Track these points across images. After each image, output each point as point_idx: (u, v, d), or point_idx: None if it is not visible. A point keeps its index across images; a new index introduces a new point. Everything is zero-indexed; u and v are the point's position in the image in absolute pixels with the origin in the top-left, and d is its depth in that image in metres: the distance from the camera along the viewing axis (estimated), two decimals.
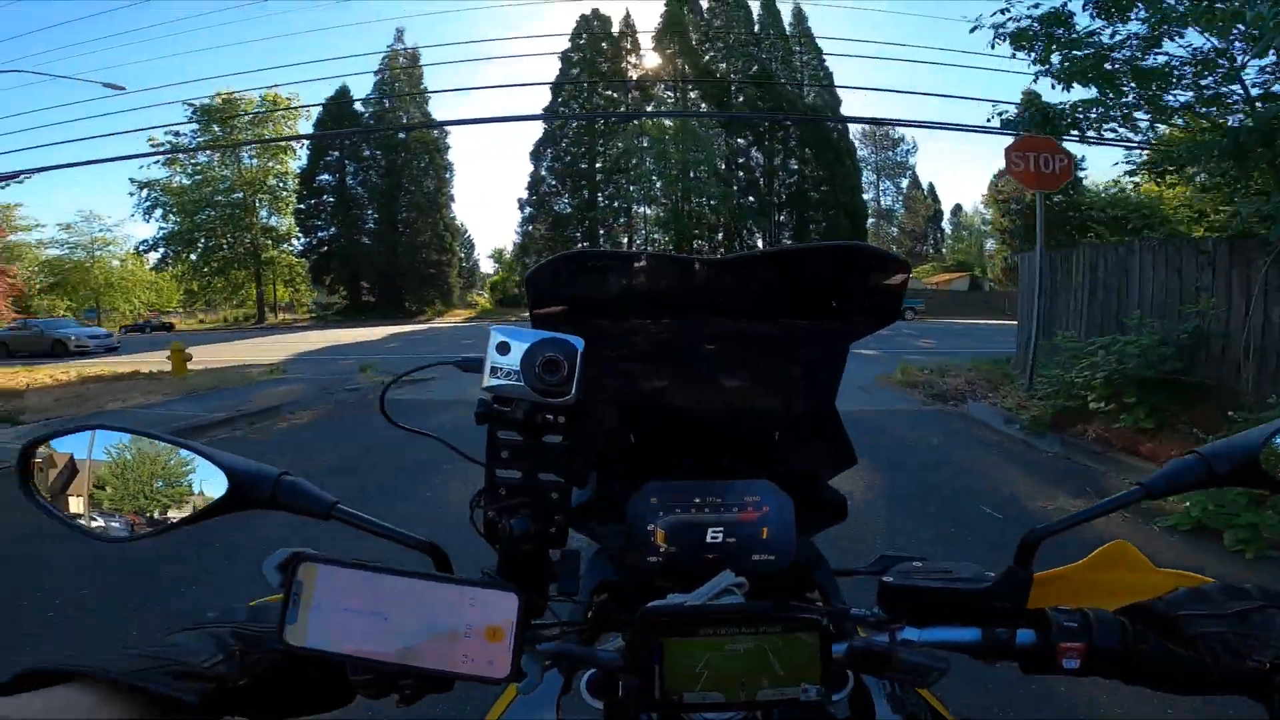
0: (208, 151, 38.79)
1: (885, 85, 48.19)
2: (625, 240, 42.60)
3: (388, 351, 17.22)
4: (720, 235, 41.64)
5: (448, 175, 44.38)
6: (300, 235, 42.44)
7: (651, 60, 41.52)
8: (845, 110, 43.89)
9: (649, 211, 40.97)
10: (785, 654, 0.51)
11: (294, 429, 7.16)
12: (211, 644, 0.48)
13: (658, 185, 38.82)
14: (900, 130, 58.81)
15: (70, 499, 0.58)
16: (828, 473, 0.85)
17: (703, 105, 39.51)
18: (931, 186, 64.95)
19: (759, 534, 0.70)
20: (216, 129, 37.96)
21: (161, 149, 36.16)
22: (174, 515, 0.57)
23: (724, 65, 41.29)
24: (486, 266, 62.08)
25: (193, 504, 0.57)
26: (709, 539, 0.69)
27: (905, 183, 64.01)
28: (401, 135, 41.74)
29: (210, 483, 0.57)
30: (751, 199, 40.46)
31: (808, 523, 0.75)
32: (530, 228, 42.70)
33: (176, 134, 38.38)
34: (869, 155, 57.01)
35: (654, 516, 0.69)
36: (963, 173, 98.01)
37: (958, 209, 66.81)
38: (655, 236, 41.09)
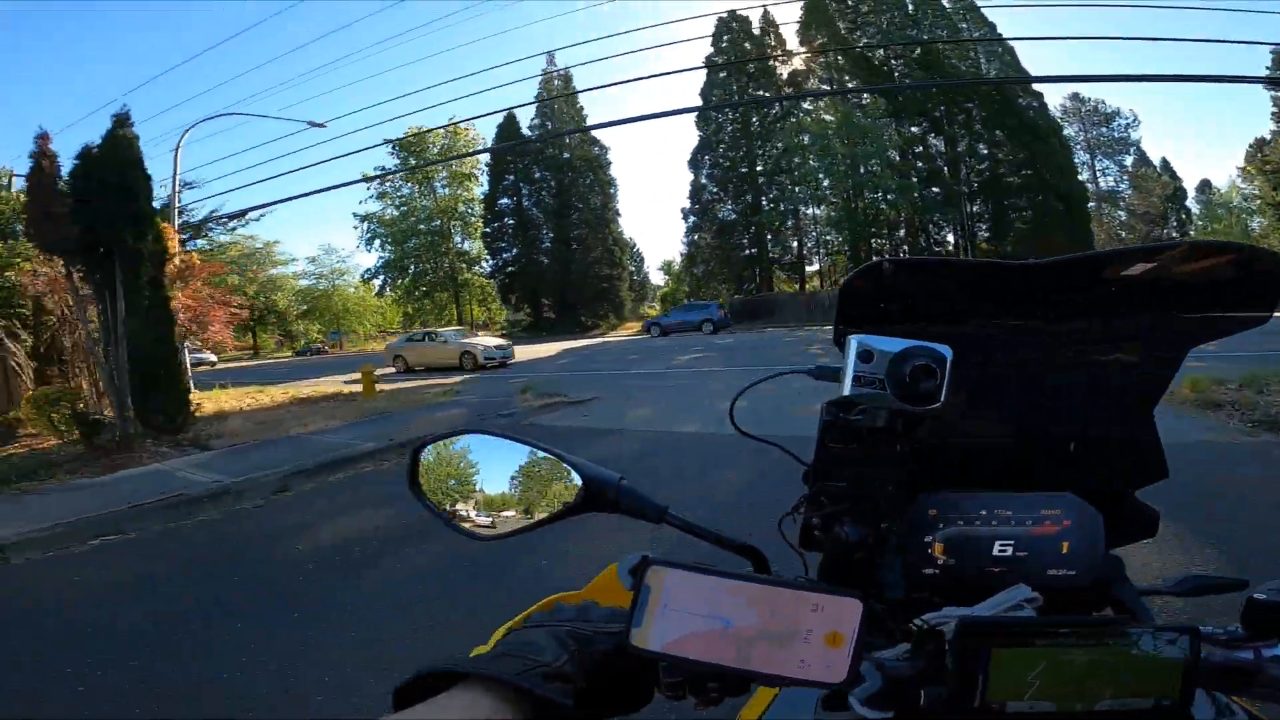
0: (409, 183, 43.46)
1: (1089, 35, 40.22)
2: (795, 244, 40.56)
3: (558, 369, 17.42)
4: (902, 232, 38.03)
5: (612, 191, 45.56)
6: (488, 257, 45.86)
7: (800, 53, 39.12)
8: (1043, 86, 38.13)
9: (818, 212, 38.52)
10: (1137, 665, 0.49)
11: None
12: (555, 644, 0.50)
13: (825, 183, 36.33)
14: (1114, 104, 50.02)
15: (447, 499, 0.65)
16: (1136, 484, 0.81)
17: (864, 96, 36.32)
18: (1166, 162, 54.66)
19: (1057, 548, 0.68)
20: (411, 160, 42.42)
21: (371, 180, 41.56)
22: (536, 515, 0.63)
23: (881, 52, 37.78)
24: (657, 279, 63.24)
25: (551, 505, 0.62)
26: (995, 552, 0.67)
27: (1130, 160, 54.36)
28: (566, 155, 43.46)
29: (566, 485, 0.62)
30: (936, 190, 36.33)
31: (1112, 538, 0.72)
32: (695, 237, 42.26)
33: (383, 169, 43.58)
34: (1076, 134, 49.23)
35: (932, 529, 0.67)
36: (1206, 143, 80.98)
37: (1205, 185, 55.53)
38: (828, 238, 38.58)
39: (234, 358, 46.00)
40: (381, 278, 46.47)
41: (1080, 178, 39.59)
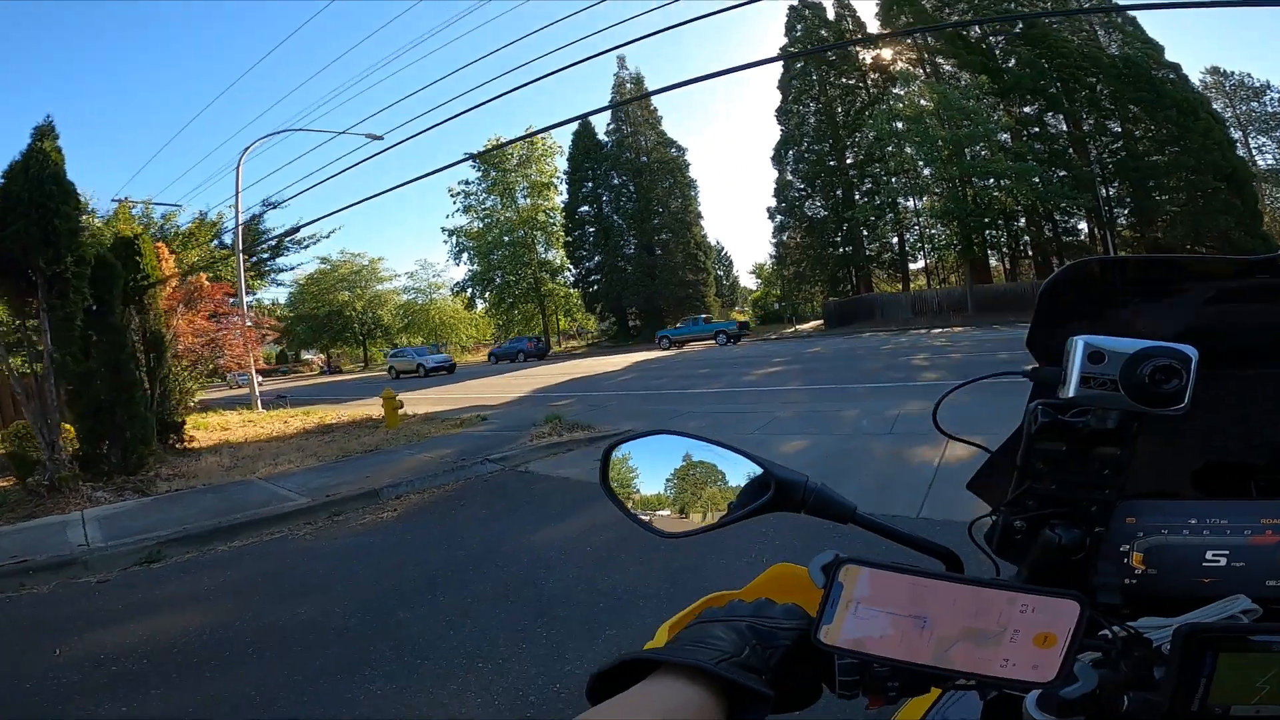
0: (492, 195, 43.36)
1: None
2: (896, 239, 36.57)
3: (616, 386, 15.58)
4: (1023, 221, 33.30)
5: (693, 193, 43.31)
6: (571, 266, 44.93)
7: (884, 35, 35.11)
8: (1176, 58, 32.16)
9: (919, 204, 34.42)
10: None
11: (364, 531, 5.18)
12: (736, 638, 0.52)
13: (925, 172, 32.30)
14: (1261, 76, 42.10)
15: (637, 497, 0.66)
16: None
17: (964, 77, 31.90)
18: None
19: (1278, 558, 0.63)
20: (492, 174, 42.26)
21: (457, 197, 41.78)
22: (725, 514, 0.63)
23: (977, 30, 33.14)
24: (749, 282, 60.49)
25: (741, 503, 0.62)
26: (1206, 562, 0.63)
27: None
28: (643, 159, 41.77)
29: (755, 485, 0.62)
30: (1062, 173, 31.31)
31: None
32: (784, 237, 39.23)
33: (467, 182, 43.77)
34: (1222, 110, 41.82)
35: (1130, 537, 0.65)
36: None
37: None
38: (933, 232, 34.42)
39: (350, 371, 48.10)
40: (470, 290, 46.61)
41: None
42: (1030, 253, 34.64)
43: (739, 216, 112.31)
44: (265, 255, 22.04)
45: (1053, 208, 31.78)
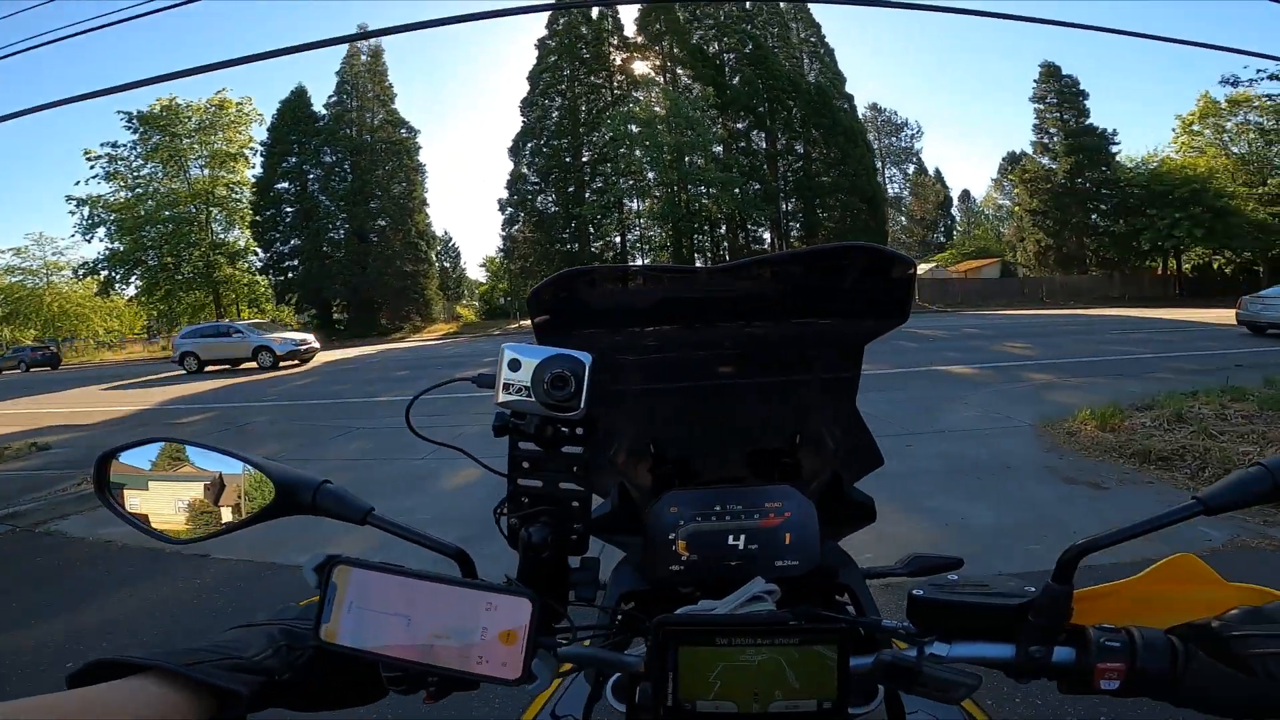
0: (152, 162, 34.39)
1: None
2: (619, 238, 37.74)
3: (285, 394, 12.54)
4: (724, 228, 36.71)
5: (420, 178, 39.60)
6: (259, 250, 37.74)
7: (636, 41, 36.73)
8: (851, 90, 39.11)
9: (642, 206, 36.00)
10: (801, 666, 0.49)
11: None
12: (262, 640, 0.51)
13: (650, 176, 33.85)
14: (904, 115, 54.20)
15: (139, 505, 0.62)
16: (853, 475, 0.83)
17: (695, 88, 34.57)
18: (939, 172, 60.45)
19: (781, 539, 0.69)
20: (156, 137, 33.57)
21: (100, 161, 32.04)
22: (229, 519, 0.61)
23: (715, 45, 36.53)
24: (479, 275, 57.85)
25: (245, 509, 0.61)
26: (730, 545, 0.68)
27: (911, 169, 59.54)
28: (367, 137, 37.04)
29: (260, 489, 0.61)
30: (757, 186, 35.32)
31: (834, 527, 0.74)
32: (513, 229, 37.89)
33: (114, 145, 34.08)
34: (873, 139, 52.35)
35: (674, 526, 0.68)
36: (968, 156, 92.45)
37: (966, 195, 62.42)
38: (652, 234, 36.19)
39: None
40: (108, 272, 36.30)
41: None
42: (728, 258, 38.52)
43: (472, 207, 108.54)
44: None
45: (747, 218, 35.60)
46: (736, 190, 32.71)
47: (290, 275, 37.94)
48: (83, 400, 13.98)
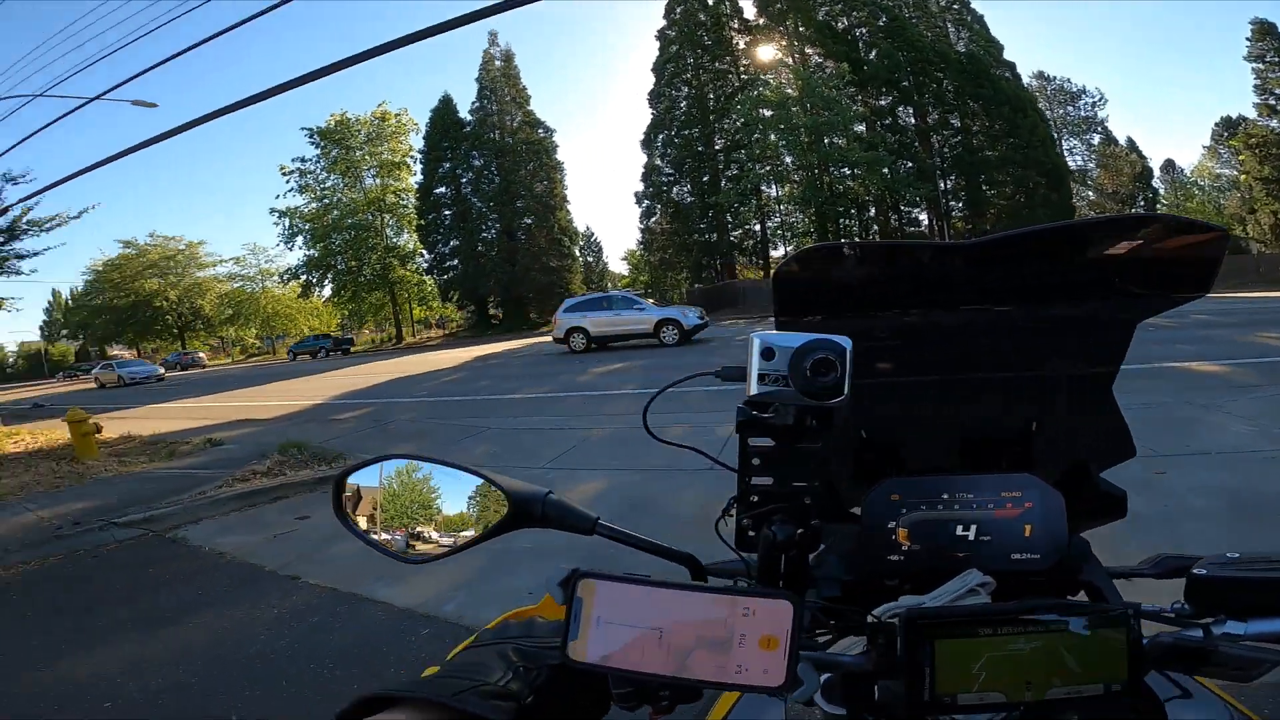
0: (334, 174, 38.50)
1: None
2: (758, 226, 36.31)
3: (431, 390, 13.05)
4: (873, 211, 33.99)
5: (559, 176, 40.74)
6: (424, 252, 40.95)
7: (758, 24, 34.84)
8: (1011, 58, 34.33)
9: (780, 191, 34.27)
10: (1083, 651, 0.48)
11: None
12: (498, 662, 0.50)
13: (787, 160, 32.06)
14: (1080, 81, 46.79)
15: (373, 525, 0.62)
16: (1101, 465, 0.78)
17: (828, 66, 32.09)
18: (1132, 141, 51.77)
19: (1020, 531, 0.64)
20: (335, 151, 37.49)
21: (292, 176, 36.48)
22: (464, 536, 0.60)
23: (843, 21, 33.70)
24: (622, 268, 58.92)
25: (479, 525, 0.60)
26: (957, 536, 0.64)
27: (1097, 139, 51.49)
28: (508, 139, 38.68)
29: (493, 503, 0.60)
30: (909, 164, 32.21)
31: (1075, 521, 0.68)
32: (651, 222, 37.84)
33: (303, 160, 38.52)
34: (1044, 110, 45.88)
35: (895, 514, 0.64)
36: (1166, 124, 78.29)
37: (1170, 165, 52.79)
38: (793, 219, 34.36)
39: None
40: (306, 277, 41.20)
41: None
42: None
43: (611, 201, 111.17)
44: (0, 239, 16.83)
45: (899, 198, 32.62)
46: (885, 170, 30.04)
47: (451, 274, 40.73)
48: (269, 394, 15.64)
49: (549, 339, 18.96)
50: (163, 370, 27.68)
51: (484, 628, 0.60)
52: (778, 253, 38.36)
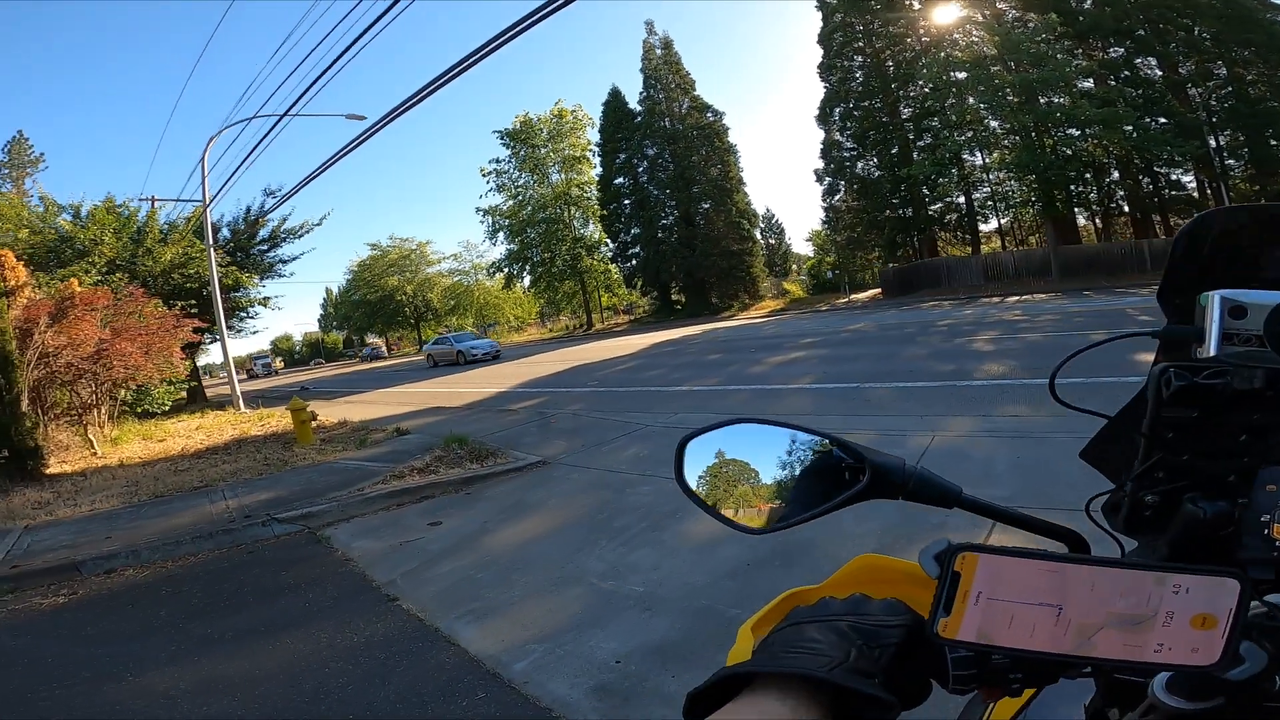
0: (523, 172, 41.21)
1: None
2: (962, 198, 31.97)
3: (604, 379, 13.13)
4: (1116, 174, 28.17)
5: (733, 158, 39.34)
6: (608, 241, 42.31)
7: None
8: None
9: (987, 158, 29.62)
10: None
11: None
12: (837, 639, 0.47)
13: (993, 124, 27.56)
14: None
15: (715, 492, 0.59)
16: None
17: (1030, 20, 26.71)
18: None
19: None
20: (522, 151, 40.07)
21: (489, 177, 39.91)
22: (811, 505, 0.56)
23: None
24: (806, 249, 56.10)
25: (830, 493, 0.56)
26: None
27: None
28: (678, 126, 38.19)
29: (846, 472, 0.56)
30: (1161, 120, 25.94)
31: None
32: (835, 200, 35.15)
33: (497, 160, 41.72)
34: None
35: (1271, 506, 0.55)
36: None
37: None
38: (1007, 188, 29.67)
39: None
40: (507, 269, 44.76)
41: None
42: (1126, 209, 29.39)
43: (790, 181, 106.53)
44: (264, 247, 20.36)
45: (1152, 159, 26.54)
46: (1129, 128, 24.49)
47: (634, 261, 41.61)
48: (467, 381, 16.91)
49: (723, 324, 18.42)
50: (499, 347, 27.57)
51: (776, 602, 0.59)
52: (987, 226, 33.57)
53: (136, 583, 4.07)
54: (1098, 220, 30.66)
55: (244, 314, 20.87)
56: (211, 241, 15.89)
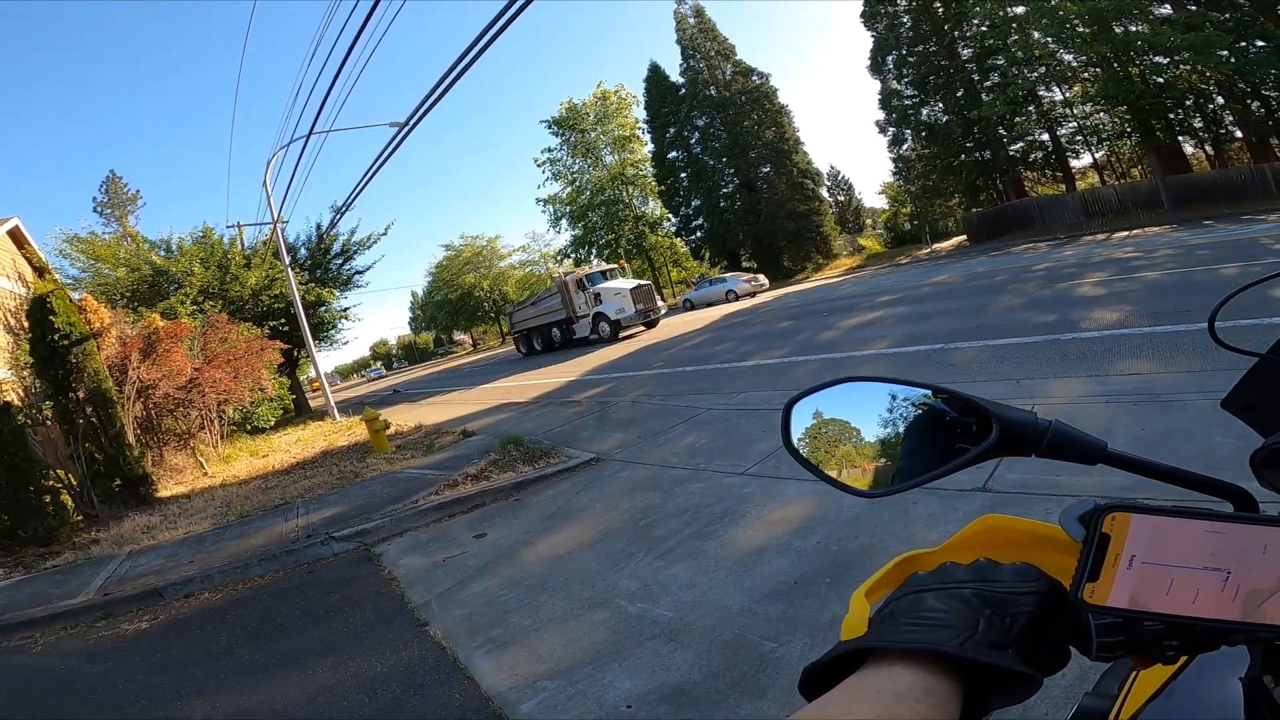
0: (577, 157, 40.98)
1: None
2: (1045, 135, 28.94)
3: (669, 359, 12.87)
4: (1220, 100, 24.62)
5: (786, 119, 37.56)
6: (670, 216, 41.59)
7: None
8: None
9: (1067, 92, 26.56)
10: None
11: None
12: (964, 608, 0.44)
13: (1066, 58, 24.59)
14: None
15: (825, 455, 0.57)
16: None
17: None
18: None
19: None
20: (572, 137, 39.81)
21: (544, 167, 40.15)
22: (934, 463, 0.53)
23: None
24: (879, 202, 53.17)
25: (943, 451, 0.53)
26: None
27: None
28: (725, 93, 36.80)
29: (973, 427, 0.53)
30: (1259, 44, 22.29)
31: None
32: (903, 150, 32.88)
33: (550, 150, 41.73)
34: None
35: None
36: None
37: None
38: (1097, 120, 26.52)
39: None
40: (573, 255, 44.99)
41: None
42: (1239, 134, 25.70)
43: (853, 136, 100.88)
44: (338, 261, 21.28)
45: (1259, 82, 22.93)
46: (1223, 51, 21.21)
47: (699, 234, 40.79)
48: (543, 373, 17.04)
49: (795, 288, 17.57)
50: None
51: (890, 566, 0.55)
52: (1080, 162, 30.36)
53: (209, 607, 4.20)
54: (1208, 147, 27.07)
55: (331, 327, 21.95)
56: (289, 261, 16.70)
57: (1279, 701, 0.45)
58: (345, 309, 22.21)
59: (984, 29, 27.34)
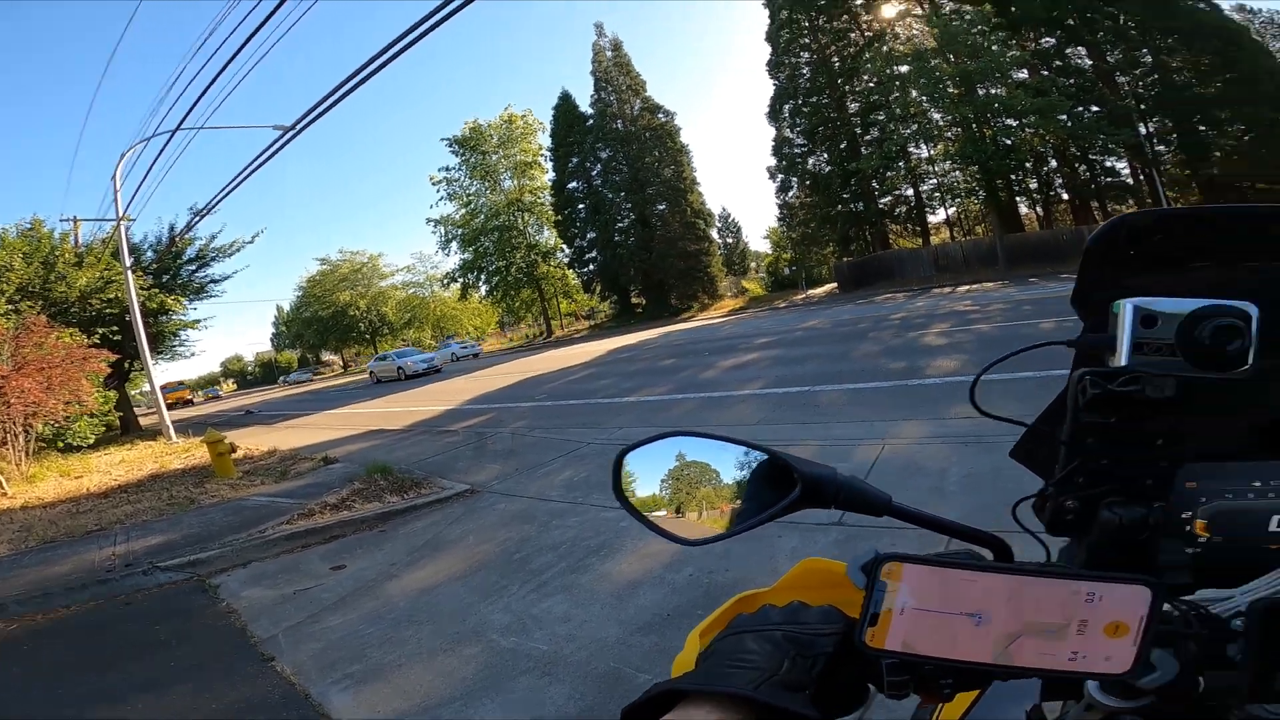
0: (475, 180, 40.44)
1: None
2: (910, 190, 32.50)
3: (551, 392, 12.74)
4: (1054, 162, 28.96)
5: (685, 159, 39.29)
6: (564, 246, 41.81)
7: None
8: None
9: (932, 150, 30.14)
10: None
11: None
12: (772, 649, 0.48)
13: (935, 116, 28.07)
14: None
15: (652, 505, 0.60)
16: None
17: (966, 11, 27.34)
18: None
19: None
20: (472, 158, 39.39)
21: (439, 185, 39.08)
22: (746, 516, 0.57)
23: None
24: (764, 246, 56.56)
25: (765, 503, 0.56)
26: (1272, 528, 0.55)
27: None
28: (631, 127, 37.99)
29: (781, 482, 0.57)
30: (1095, 109, 26.80)
31: None
32: (788, 196, 35.38)
33: (447, 169, 40.92)
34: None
35: (1192, 503, 0.56)
36: None
37: None
38: (952, 179, 30.21)
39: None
40: (461, 280, 43.88)
41: None
42: (1065, 196, 30.29)
43: (744, 179, 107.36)
44: (191, 268, 19.30)
45: (1087, 147, 27.36)
46: (1063, 116, 25.23)
47: (591, 266, 41.20)
48: (409, 400, 16.30)
49: (681, 326, 18.18)
50: (440, 364, 27.18)
51: (725, 607, 0.60)
52: (936, 217, 34.21)
53: None
54: (1039, 208, 31.55)
55: (174, 338, 19.80)
56: (130, 262, 14.95)
57: None
58: (195, 320, 20.16)
59: (871, 84, 30.18)
